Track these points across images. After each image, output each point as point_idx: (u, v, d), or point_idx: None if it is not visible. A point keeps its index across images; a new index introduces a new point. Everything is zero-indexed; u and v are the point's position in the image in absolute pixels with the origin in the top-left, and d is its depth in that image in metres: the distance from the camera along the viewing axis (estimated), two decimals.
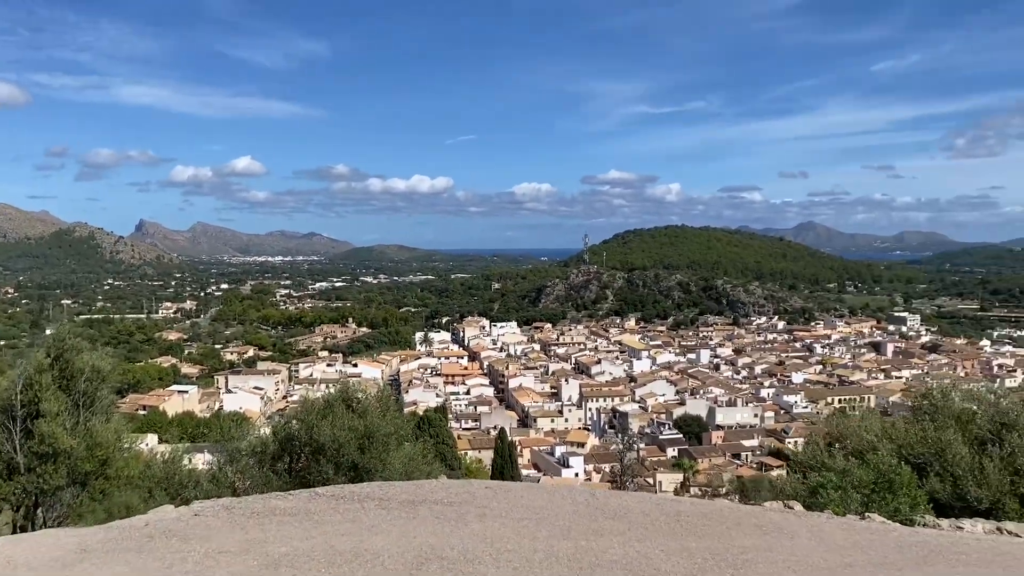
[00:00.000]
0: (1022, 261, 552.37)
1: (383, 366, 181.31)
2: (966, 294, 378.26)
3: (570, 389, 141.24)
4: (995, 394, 15.06)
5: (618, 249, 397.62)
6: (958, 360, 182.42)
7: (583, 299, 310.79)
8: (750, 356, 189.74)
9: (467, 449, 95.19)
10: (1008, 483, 12.58)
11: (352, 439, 17.45)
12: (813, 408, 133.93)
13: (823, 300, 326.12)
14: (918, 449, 13.80)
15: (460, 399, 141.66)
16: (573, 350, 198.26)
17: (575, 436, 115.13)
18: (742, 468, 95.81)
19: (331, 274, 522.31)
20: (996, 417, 14.06)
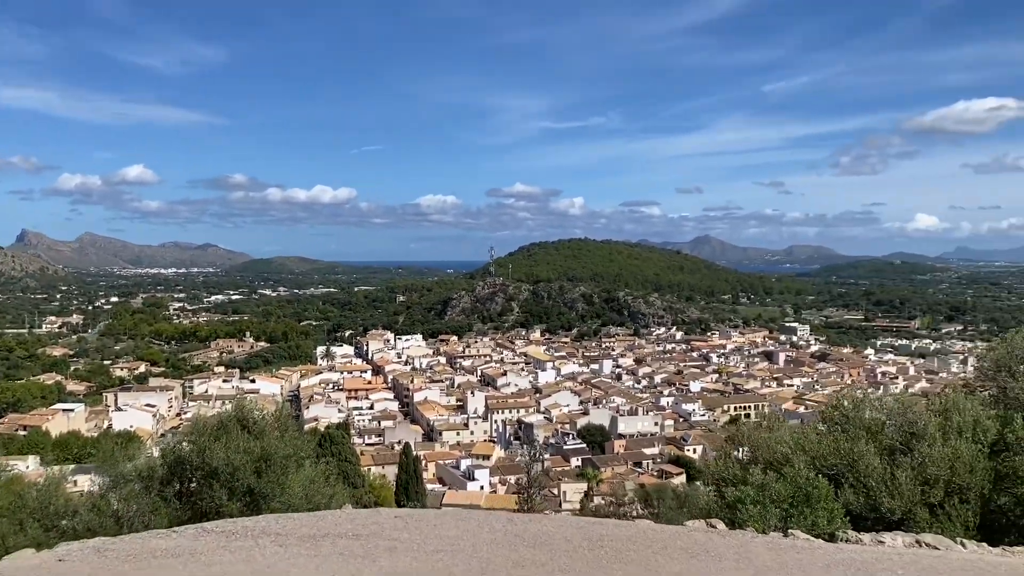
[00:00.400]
0: (902, 274, 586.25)
1: (283, 381, 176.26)
2: (851, 305, 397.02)
3: (476, 402, 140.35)
4: (902, 404, 15.12)
5: (524, 261, 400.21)
6: (845, 368, 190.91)
7: (489, 311, 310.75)
8: (650, 366, 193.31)
9: (371, 465, 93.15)
10: (919, 493, 12.61)
11: (248, 462, 16.28)
12: (710, 416, 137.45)
13: (719, 311, 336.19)
14: (831, 460, 13.74)
15: (363, 414, 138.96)
16: (479, 362, 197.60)
17: (481, 449, 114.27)
18: (644, 476, 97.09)
19: (228, 287, 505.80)
20: (904, 427, 14.14)
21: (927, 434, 13.42)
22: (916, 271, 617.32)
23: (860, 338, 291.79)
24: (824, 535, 11.16)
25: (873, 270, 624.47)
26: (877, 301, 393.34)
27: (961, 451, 12.84)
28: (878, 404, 15.45)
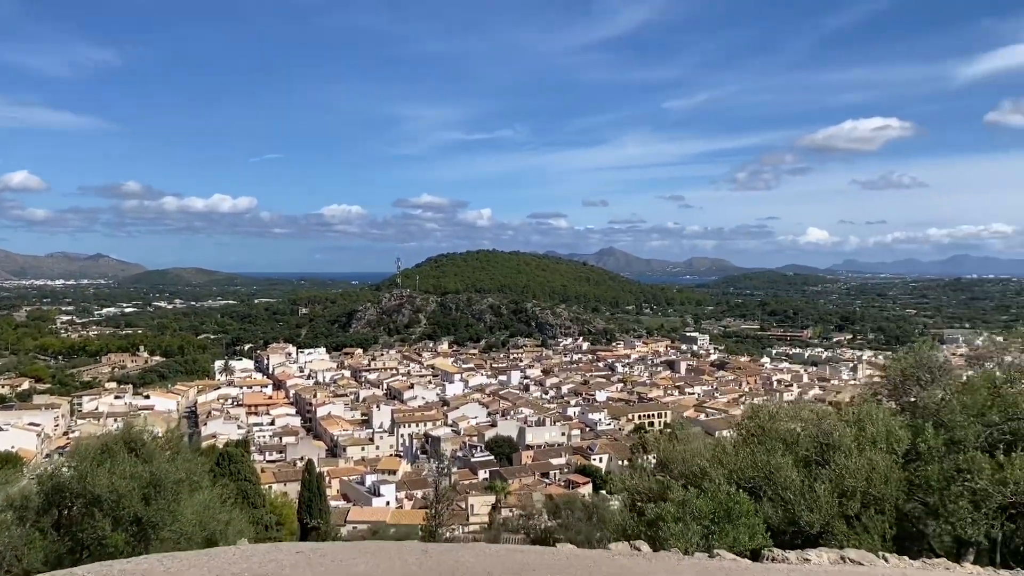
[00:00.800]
0: (795, 285, 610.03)
1: (179, 397, 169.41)
2: (748, 315, 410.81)
3: (381, 415, 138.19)
4: (816, 414, 15.11)
5: (431, 273, 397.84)
6: (743, 376, 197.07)
7: (396, 323, 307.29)
8: (557, 376, 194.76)
9: (272, 483, 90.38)
10: (837, 505, 12.58)
11: (135, 488, 15.02)
12: (616, 425, 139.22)
13: (623, 321, 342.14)
14: (749, 473, 13.59)
15: (264, 430, 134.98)
16: (385, 375, 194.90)
17: (387, 463, 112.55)
18: (551, 487, 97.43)
19: (120, 299, 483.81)
20: (820, 438, 14.12)
21: (843, 445, 13.36)
22: (808, 282, 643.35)
23: (756, 347, 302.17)
24: (747, 552, 10.90)
25: (768, 281, 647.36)
26: (772, 311, 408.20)
27: (877, 462, 12.80)
28: (793, 415, 15.37)
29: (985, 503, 11.95)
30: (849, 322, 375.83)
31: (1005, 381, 14.57)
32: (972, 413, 13.44)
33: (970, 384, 14.54)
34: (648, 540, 11.34)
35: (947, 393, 14.45)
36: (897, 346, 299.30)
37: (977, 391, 13.92)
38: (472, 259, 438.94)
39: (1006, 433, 13.14)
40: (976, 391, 13.95)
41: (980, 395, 13.78)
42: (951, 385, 14.97)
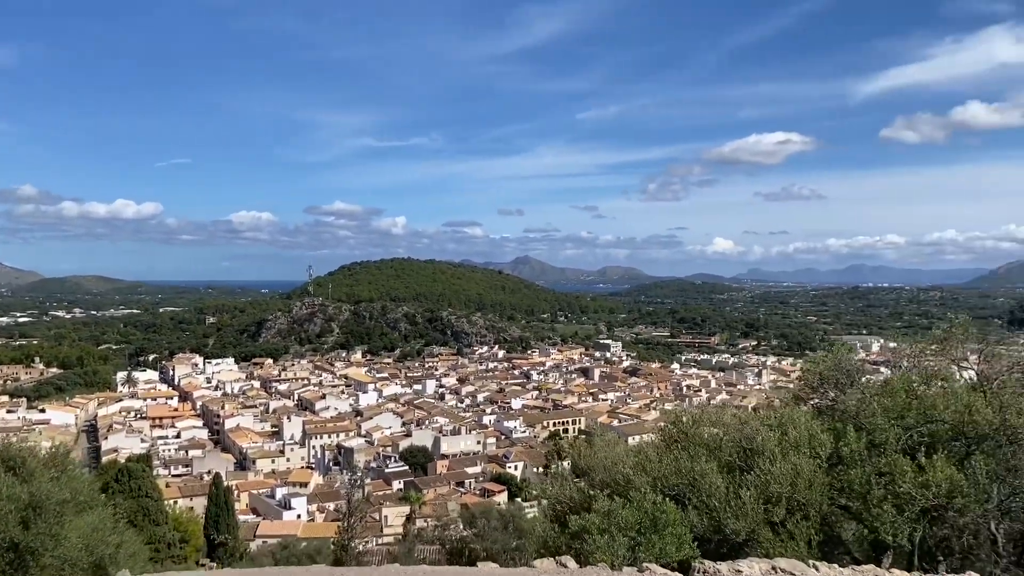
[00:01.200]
0: (703, 293, 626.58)
1: (77, 410, 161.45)
2: (659, 323, 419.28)
3: (292, 427, 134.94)
4: (739, 419, 15.01)
5: (344, 281, 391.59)
6: (654, 382, 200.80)
7: (307, 332, 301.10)
8: (473, 385, 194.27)
9: (178, 498, 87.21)
10: (762, 512, 12.42)
11: (11, 511, 13.69)
12: (531, 432, 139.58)
13: (538, 329, 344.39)
14: (673, 481, 13.34)
15: (169, 443, 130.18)
16: (296, 386, 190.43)
17: (298, 476, 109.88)
18: (467, 496, 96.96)
19: (14, 308, 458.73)
20: (743, 443, 13.99)
21: (766, 450, 13.23)
22: (715, 291, 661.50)
23: (667, 353, 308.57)
24: (675, 564, 10.55)
25: (678, 290, 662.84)
26: (681, 319, 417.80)
27: (801, 467, 12.71)
28: (715, 419, 15.21)
29: (908, 506, 12.03)
30: (754, 329, 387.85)
31: (921, 383, 14.78)
32: (892, 416, 13.53)
33: (888, 387, 14.63)
34: (573, 554, 10.88)
35: (866, 396, 14.48)
36: (799, 352, 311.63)
37: (896, 394, 14.02)
38: (387, 267, 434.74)
39: (924, 436, 13.30)
40: (895, 394, 14.05)
41: (899, 398, 13.88)
42: (870, 388, 15.04)
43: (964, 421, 12.90)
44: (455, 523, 59.98)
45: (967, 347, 15.42)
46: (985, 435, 12.79)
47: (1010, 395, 13.35)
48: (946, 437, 13.21)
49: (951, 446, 13.14)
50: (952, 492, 11.93)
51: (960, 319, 16.12)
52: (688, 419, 15.53)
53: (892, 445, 13.01)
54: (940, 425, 13.14)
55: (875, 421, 13.45)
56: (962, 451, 13.17)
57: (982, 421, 12.68)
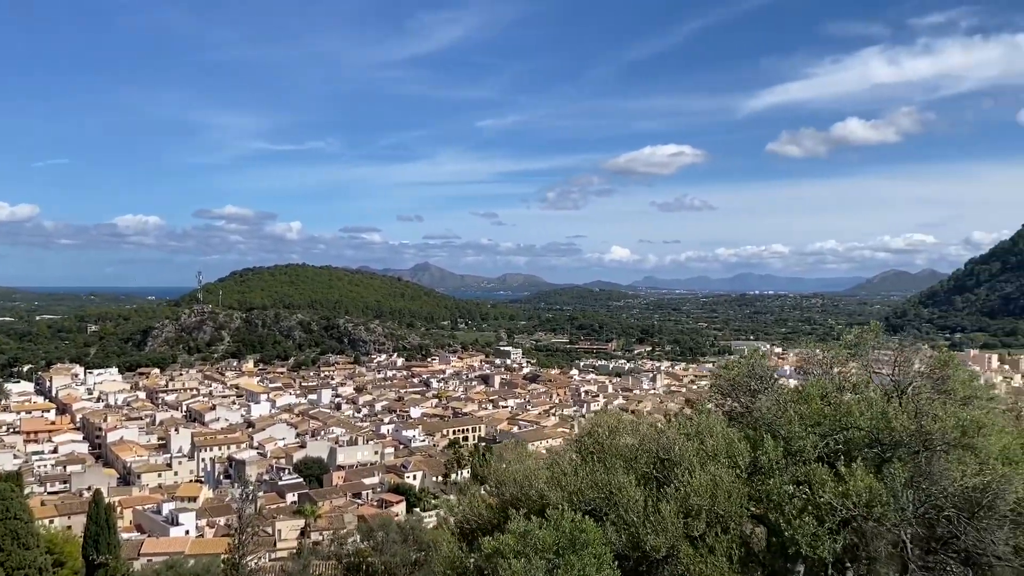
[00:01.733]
0: (600, 300, 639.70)
1: None
2: (558, 329, 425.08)
3: (180, 439, 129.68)
4: (656, 428, 14.71)
5: (236, 288, 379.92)
6: (553, 388, 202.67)
7: (197, 341, 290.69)
8: (371, 394, 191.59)
9: (53, 517, 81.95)
10: (682, 526, 12.09)
11: None
12: (430, 441, 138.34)
13: (438, 337, 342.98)
14: (590, 495, 12.83)
15: (45, 459, 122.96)
16: (185, 397, 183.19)
17: (186, 490, 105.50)
18: (364, 507, 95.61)
19: None
20: (660, 453, 13.60)
21: (685, 460, 12.84)
22: (612, 298, 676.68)
23: (566, 359, 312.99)
24: None
25: (576, 297, 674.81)
26: (580, 325, 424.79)
27: (721, 477, 12.34)
28: (632, 429, 14.83)
29: (829, 517, 11.72)
30: (649, 335, 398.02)
31: (835, 389, 14.57)
32: (808, 423, 13.24)
33: (803, 393, 14.38)
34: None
35: (782, 402, 14.21)
36: (691, 357, 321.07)
37: (811, 400, 13.77)
38: (281, 273, 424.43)
39: (840, 443, 13.10)
40: (810, 400, 13.79)
41: (814, 404, 13.61)
42: (784, 394, 14.78)
43: (880, 428, 12.76)
44: (352, 536, 58.62)
45: (879, 352, 15.29)
46: (901, 442, 12.66)
47: (925, 401, 13.24)
48: (862, 444, 13.03)
49: (867, 453, 12.96)
50: (872, 501, 11.71)
51: (872, 323, 15.95)
52: (604, 429, 14.97)
53: (809, 453, 12.79)
54: (856, 432, 12.98)
55: (792, 429, 13.19)
56: (878, 458, 12.97)
57: (899, 428, 12.55)
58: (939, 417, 12.33)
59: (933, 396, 13.39)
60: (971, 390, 13.96)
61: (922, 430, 12.40)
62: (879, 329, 15.68)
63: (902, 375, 14.41)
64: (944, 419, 12.31)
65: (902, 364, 14.55)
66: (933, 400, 13.11)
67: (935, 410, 12.58)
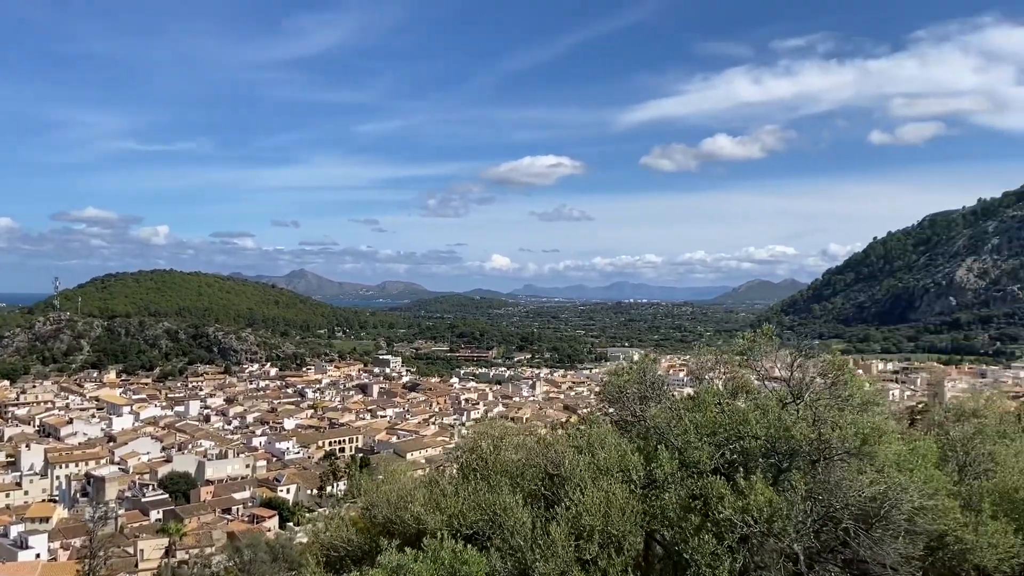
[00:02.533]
0: (481, 308, 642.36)
1: None
2: (438, 337, 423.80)
3: (32, 456, 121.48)
4: (544, 442, 13.84)
5: (97, 295, 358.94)
6: (433, 397, 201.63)
7: (52, 351, 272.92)
8: (243, 405, 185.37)
9: None
10: (573, 549, 11.21)
11: None
12: (305, 453, 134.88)
13: (314, 345, 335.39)
14: (472, 518, 11.91)
15: None
16: (38, 410, 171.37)
17: (37, 510, 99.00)
18: (233, 523, 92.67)
19: None
20: (549, 468, 12.75)
21: (575, 476, 12.01)
22: (493, 306, 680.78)
23: (446, 367, 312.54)
24: None
25: (457, 304, 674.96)
26: (460, 333, 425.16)
27: (614, 494, 11.53)
28: (517, 442, 14.08)
29: (728, 535, 11.13)
30: (528, 342, 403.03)
31: (729, 396, 14.17)
32: (703, 432, 12.66)
33: (698, 400, 13.83)
34: None
35: (675, 410, 13.61)
36: (570, 364, 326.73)
37: (706, 407, 13.19)
38: (146, 279, 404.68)
39: (737, 453, 12.60)
40: (705, 408, 13.21)
41: (709, 412, 13.03)
42: (678, 402, 14.32)
43: (777, 436, 12.31)
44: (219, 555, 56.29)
45: (774, 356, 14.79)
46: (799, 451, 12.27)
47: (823, 408, 12.82)
48: (759, 454, 12.57)
49: (765, 464, 12.53)
50: (772, 516, 11.18)
51: (765, 327, 15.41)
52: (487, 444, 14.02)
53: (706, 465, 12.16)
54: (753, 441, 12.47)
55: (686, 438, 12.57)
56: (775, 468, 12.55)
57: (798, 436, 12.10)
58: (838, 425, 12.01)
59: (831, 403, 13.00)
60: (868, 396, 13.70)
61: (821, 438, 12.02)
62: (772, 333, 15.13)
63: (798, 381, 13.93)
64: (844, 427, 11.94)
65: (798, 369, 14.05)
66: (831, 407, 12.77)
67: (834, 417, 12.28)
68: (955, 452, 16.06)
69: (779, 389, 14.26)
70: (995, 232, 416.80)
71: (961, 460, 15.88)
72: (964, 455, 15.94)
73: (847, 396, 13.24)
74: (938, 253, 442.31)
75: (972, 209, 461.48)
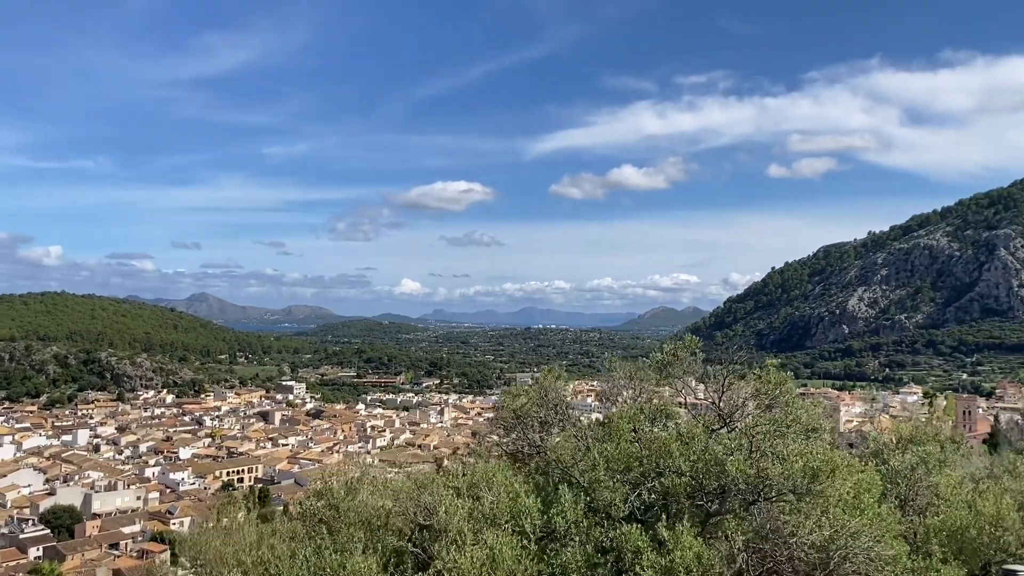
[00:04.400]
0: (390, 333, 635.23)
1: None
2: (345, 363, 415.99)
3: None
4: (416, 483, 11.47)
5: None
6: (338, 424, 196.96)
7: None
8: (135, 433, 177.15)
9: None
10: None
11: None
12: (201, 483, 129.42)
13: (214, 371, 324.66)
14: None
15: None
16: None
17: None
18: (121, 559, 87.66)
19: None
20: (419, 517, 10.34)
21: (452, 527, 9.66)
22: (402, 331, 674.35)
23: (353, 394, 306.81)
24: None
25: (365, 329, 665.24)
26: (368, 359, 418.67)
27: (501, 551, 9.14)
28: (381, 484, 11.76)
29: None
30: (437, 368, 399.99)
31: (648, 421, 12.02)
32: (616, 467, 10.62)
33: (610, 425, 11.59)
34: None
35: (582, 438, 11.32)
36: (479, 389, 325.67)
37: (619, 435, 11.11)
38: (35, 302, 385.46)
39: (656, 493, 10.54)
40: (618, 435, 11.12)
41: (623, 441, 11.01)
42: (585, 428, 12.02)
43: (707, 472, 10.34)
44: None
45: (698, 372, 12.94)
46: (732, 490, 10.23)
47: (762, 436, 10.74)
48: (684, 494, 10.52)
49: (691, 506, 10.52)
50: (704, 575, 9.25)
51: (687, 337, 13.56)
52: (341, 487, 11.67)
53: (619, 509, 10.07)
54: (676, 478, 10.41)
55: (595, 475, 10.43)
56: (701, 512, 10.55)
57: (733, 472, 10.02)
58: (783, 457, 10.07)
59: (770, 429, 10.96)
60: (813, 420, 11.56)
61: (761, 474, 10.00)
62: (696, 345, 13.41)
63: (727, 401, 11.97)
64: (791, 460, 9.95)
65: (727, 387, 12.08)
66: (771, 434, 10.79)
67: (774, 447, 10.35)
68: (897, 485, 14.33)
69: (706, 413, 12.31)
70: (883, 264, 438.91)
71: (903, 493, 14.17)
72: (907, 488, 14.24)
73: (789, 421, 11.17)
74: (832, 283, 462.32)
75: (863, 241, 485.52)
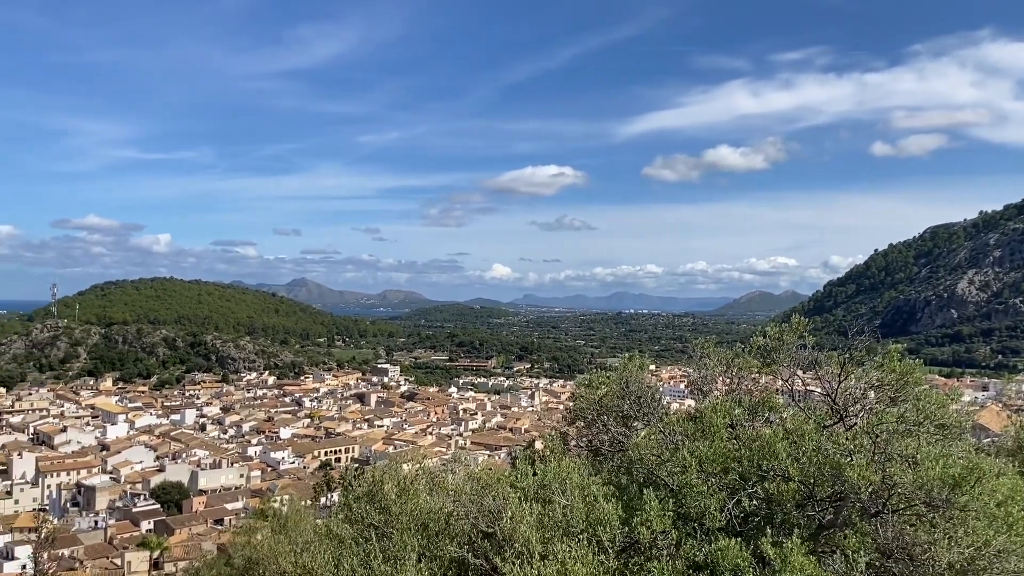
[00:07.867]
0: (481, 318, 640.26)
1: None
2: (438, 347, 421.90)
3: (24, 464, 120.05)
4: (480, 482, 10.16)
5: (96, 302, 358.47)
6: (431, 407, 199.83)
7: (49, 358, 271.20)
8: (239, 414, 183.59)
9: None
10: None
11: None
12: (300, 463, 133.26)
13: (313, 354, 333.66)
14: None
15: None
16: (33, 418, 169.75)
17: (26, 520, 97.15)
18: (225, 534, 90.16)
19: None
20: (482, 524, 9.05)
21: (519, 536, 8.40)
22: (493, 315, 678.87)
23: (445, 377, 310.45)
24: None
25: (457, 313, 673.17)
26: (460, 343, 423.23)
27: (575, 569, 7.89)
28: (437, 484, 10.60)
29: None
30: (528, 352, 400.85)
31: (748, 415, 10.52)
32: (711, 469, 9.08)
33: (703, 420, 10.00)
34: None
35: (670, 434, 9.81)
36: (569, 374, 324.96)
37: (715, 433, 9.56)
38: (146, 287, 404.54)
39: (758, 500, 9.08)
40: (714, 432, 9.57)
41: (719, 439, 9.48)
42: (674, 423, 10.48)
43: (821, 477, 8.75)
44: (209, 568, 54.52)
45: (806, 360, 11.27)
46: (852, 498, 8.66)
47: (889, 435, 8.92)
48: (792, 502, 8.98)
49: (801, 516, 9.01)
50: None
51: (794, 319, 11.67)
52: (391, 488, 10.43)
53: (715, 518, 8.57)
54: (783, 484, 8.85)
55: (686, 478, 8.95)
56: (814, 523, 8.99)
57: (855, 477, 8.31)
58: (917, 462, 8.38)
59: (899, 427, 9.15)
60: (951, 418, 9.62)
61: (889, 481, 8.38)
62: (805, 326, 11.59)
63: (844, 393, 10.24)
64: (927, 465, 8.16)
65: (845, 377, 10.29)
66: (899, 433, 9.02)
67: (906, 449, 8.62)
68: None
69: (817, 407, 10.59)
70: (997, 244, 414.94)
71: None
72: None
73: (921, 418, 9.30)
74: (939, 265, 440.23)
75: (974, 222, 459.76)
